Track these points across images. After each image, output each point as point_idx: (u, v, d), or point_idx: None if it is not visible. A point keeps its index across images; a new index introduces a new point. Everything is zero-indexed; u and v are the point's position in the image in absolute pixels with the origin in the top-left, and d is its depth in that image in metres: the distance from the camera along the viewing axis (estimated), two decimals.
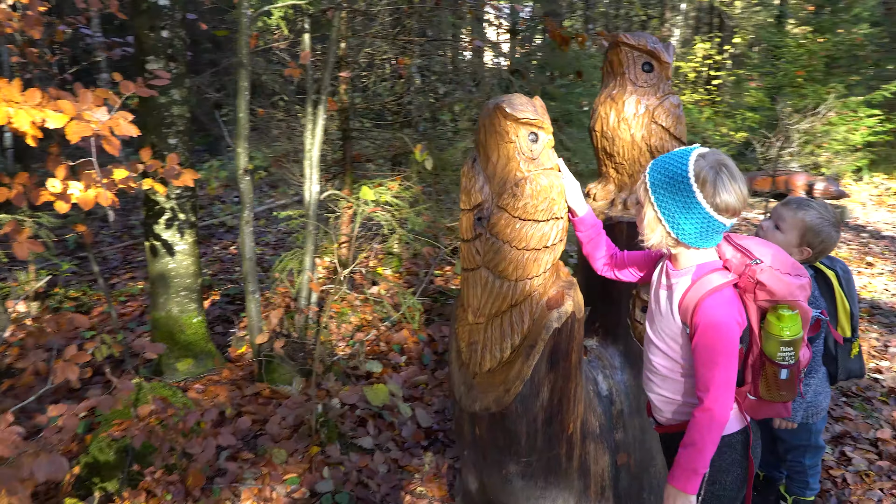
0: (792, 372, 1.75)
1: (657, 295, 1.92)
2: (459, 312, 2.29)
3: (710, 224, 1.71)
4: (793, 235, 2.32)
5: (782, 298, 1.71)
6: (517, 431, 2.19)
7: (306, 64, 3.61)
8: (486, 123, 2.09)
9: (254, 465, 2.98)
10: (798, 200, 2.37)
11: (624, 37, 2.43)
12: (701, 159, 1.70)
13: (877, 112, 8.73)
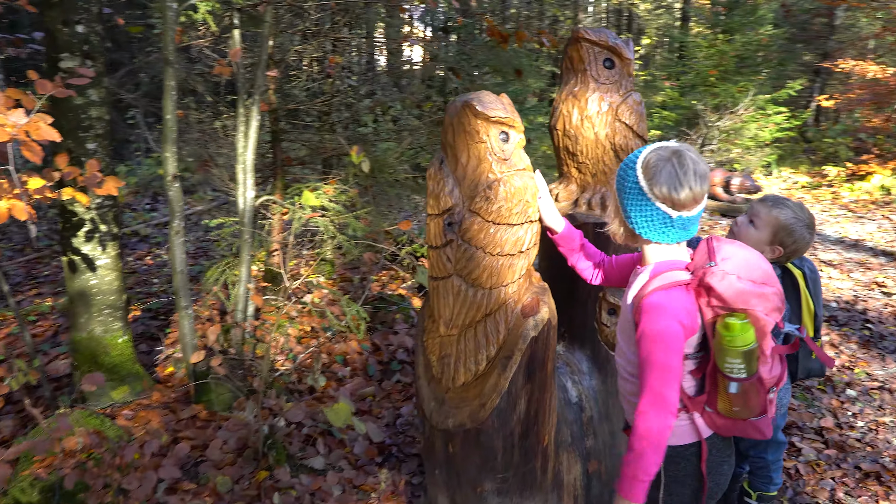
0: (743, 387, 1.62)
1: (625, 296, 1.83)
2: (428, 324, 2.15)
3: (654, 214, 1.65)
4: (766, 233, 2.30)
5: (733, 305, 1.60)
6: (493, 447, 2.08)
7: (237, 62, 3.38)
8: (455, 123, 1.97)
9: (196, 496, 2.74)
10: (774, 198, 2.35)
11: (585, 32, 2.36)
12: (658, 149, 1.64)
13: (783, 109, 9.15)
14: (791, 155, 10.05)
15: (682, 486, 1.79)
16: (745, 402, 1.64)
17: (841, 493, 2.90)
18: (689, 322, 1.64)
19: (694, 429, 1.76)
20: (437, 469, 2.23)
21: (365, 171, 3.99)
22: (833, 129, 10.61)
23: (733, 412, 1.67)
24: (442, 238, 2.01)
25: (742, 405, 1.65)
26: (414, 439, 3.25)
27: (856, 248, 6.53)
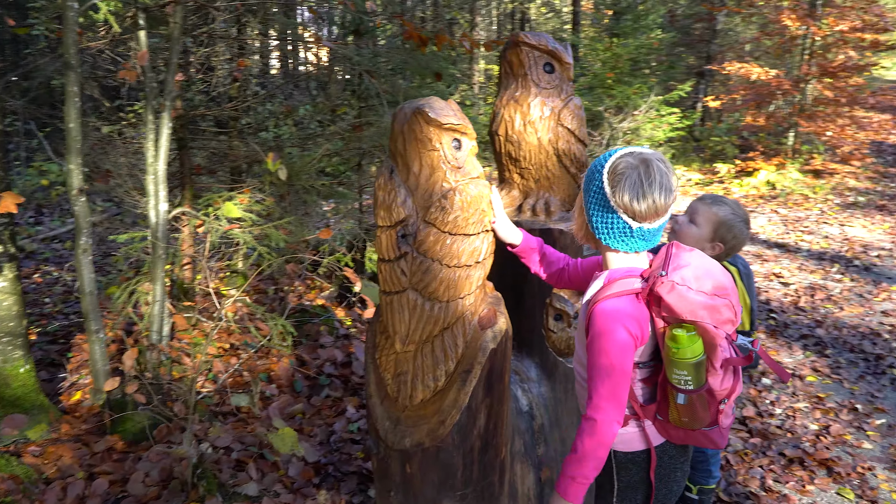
0: (691, 398, 1.61)
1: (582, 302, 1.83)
2: (381, 340, 2.06)
3: (615, 223, 1.64)
4: (707, 230, 2.35)
5: (681, 316, 1.58)
6: (454, 464, 2.01)
7: (144, 65, 3.15)
8: (405, 130, 1.88)
9: None
10: (713, 197, 2.40)
11: (524, 36, 2.33)
12: (627, 156, 1.62)
13: (675, 110, 9.57)
14: (683, 154, 10.55)
15: (635, 491, 1.81)
16: (693, 413, 1.64)
17: (770, 480, 3.03)
18: (638, 331, 1.63)
19: (644, 436, 1.77)
20: (391, 492, 2.13)
21: (282, 178, 3.82)
22: (718, 128, 11.22)
23: (682, 422, 1.68)
24: (395, 251, 1.92)
25: (690, 416, 1.65)
26: (351, 456, 3.14)
27: (751, 242, 6.91)
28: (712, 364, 1.60)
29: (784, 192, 8.81)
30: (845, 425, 3.47)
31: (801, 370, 4.04)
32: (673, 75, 10.78)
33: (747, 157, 9.64)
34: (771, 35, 9.87)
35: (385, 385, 2.07)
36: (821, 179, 9.18)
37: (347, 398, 3.57)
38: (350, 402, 3.52)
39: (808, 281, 5.63)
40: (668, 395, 1.67)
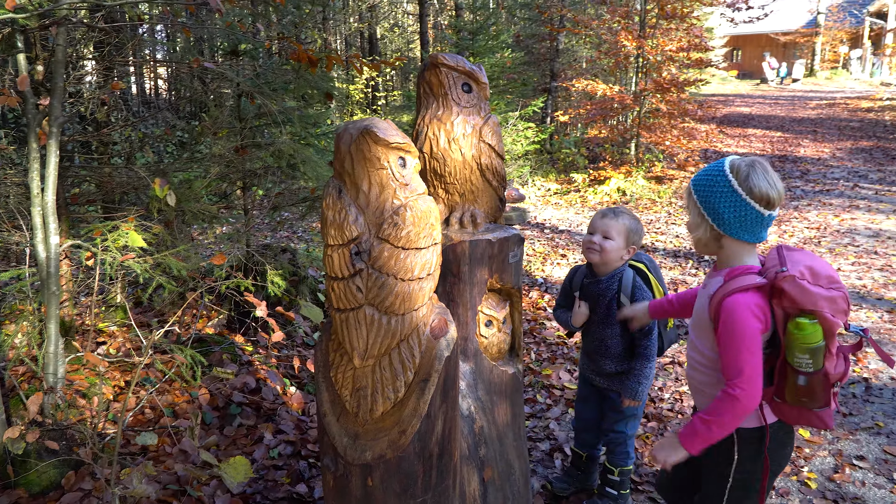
0: (811, 380, 1.85)
1: (699, 295, 2.11)
2: (336, 358, 2.07)
3: (746, 210, 1.89)
4: (621, 240, 2.68)
5: (803, 307, 1.83)
6: (414, 472, 2.07)
7: (25, 90, 2.95)
8: (353, 150, 1.93)
9: None
10: (612, 210, 2.75)
11: (443, 58, 2.44)
12: (737, 159, 1.96)
13: (531, 125, 10.12)
14: (541, 166, 11.14)
15: (753, 464, 2.06)
16: (813, 394, 1.88)
17: None
18: (764, 320, 1.89)
19: (760, 415, 2.01)
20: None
21: (171, 204, 3.68)
22: (567, 141, 11.98)
23: (801, 402, 1.92)
24: (349, 268, 1.96)
25: (810, 397, 1.89)
26: (277, 482, 3.08)
27: None
28: (829, 350, 1.85)
29: (633, 197, 9.57)
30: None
31: (679, 357, 4.45)
32: (525, 92, 11.38)
33: (598, 166, 10.38)
34: (608, 54, 10.71)
35: (341, 401, 2.09)
36: (663, 185, 10.07)
37: (262, 425, 3.49)
38: (266, 429, 3.44)
39: (669, 277, 6.18)
40: (786, 378, 1.91)
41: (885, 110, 18.98)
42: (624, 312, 2.65)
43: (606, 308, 2.78)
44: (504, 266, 2.56)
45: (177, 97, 4.79)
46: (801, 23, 37.30)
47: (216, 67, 4.24)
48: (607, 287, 2.76)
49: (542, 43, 13.49)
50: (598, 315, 2.82)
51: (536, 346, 4.72)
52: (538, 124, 11.04)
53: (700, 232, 2.01)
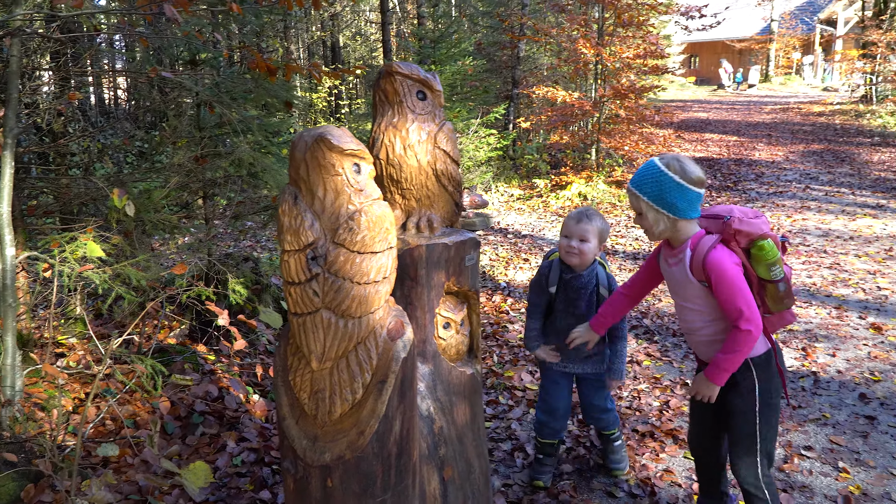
0: (786, 283, 2.39)
1: (669, 275, 2.54)
2: (294, 362, 2.11)
3: (689, 194, 2.34)
4: (596, 241, 2.93)
5: (754, 236, 2.33)
6: (373, 472, 2.11)
7: None
8: (308, 158, 1.98)
9: None
10: (584, 213, 2.97)
11: (397, 66, 2.50)
12: (663, 157, 2.39)
13: (493, 132, 10.23)
14: (504, 172, 11.26)
15: (771, 383, 2.48)
16: (789, 293, 2.41)
17: (631, 453, 3.42)
18: (737, 261, 2.36)
19: (764, 339, 2.48)
20: None
21: (130, 214, 3.67)
22: (529, 147, 12.13)
23: (784, 305, 2.43)
24: (306, 273, 2.00)
25: (788, 296, 2.42)
26: (240, 490, 3.09)
27: None
28: (782, 258, 2.40)
29: (594, 201, 9.73)
30: (680, 399, 3.98)
31: (637, 356, 4.56)
32: (487, 99, 11.50)
33: (560, 172, 10.53)
34: (567, 61, 10.88)
35: (300, 405, 2.12)
36: (623, 189, 10.25)
37: (225, 433, 3.49)
38: (229, 437, 3.45)
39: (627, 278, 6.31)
40: (767, 292, 2.41)
41: (836, 114, 19.57)
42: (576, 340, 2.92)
43: (588, 299, 3.02)
44: (461, 269, 2.61)
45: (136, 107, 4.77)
46: (755, 30, 38.24)
47: (174, 77, 4.23)
48: (588, 280, 3.00)
49: (503, 51, 13.64)
50: (580, 307, 3.02)
51: (499, 348, 4.79)
52: (500, 131, 11.16)
53: (661, 225, 2.39)
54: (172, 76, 4.21)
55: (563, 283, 3.04)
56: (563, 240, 2.98)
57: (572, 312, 3.04)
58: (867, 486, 3.10)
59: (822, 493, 3.07)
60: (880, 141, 14.30)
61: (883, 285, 5.77)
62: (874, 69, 19.62)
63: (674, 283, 2.54)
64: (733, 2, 36.75)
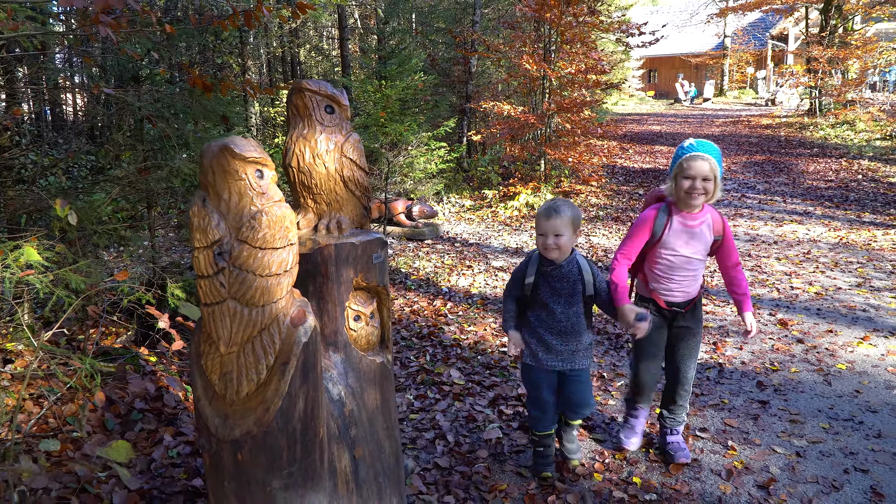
0: None
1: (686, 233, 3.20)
2: (206, 347, 2.35)
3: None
4: (570, 231, 3.09)
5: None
6: (279, 446, 2.35)
7: None
8: (214, 165, 2.23)
9: None
10: (552, 209, 3.09)
11: (306, 83, 2.77)
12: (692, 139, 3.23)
13: (443, 144, 10.54)
14: (455, 183, 11.58)
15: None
16: None
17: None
18: None
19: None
20: (225, 482, 2.41)
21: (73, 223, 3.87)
22: (483, 160, 12.48)
23: None
24: (213, 267, 2.25)
25: None
26: (174, 479, 3.30)
27: (517, 254, 7.89)
28: None
29: None
30: (596, 390, 4.28)
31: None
32: (438, 113, 11.83)
33: (508, 183, 10.88)
34: (516, 77, 11.27)
35: (212, 386, 2.36)
36: (570, 198, 10.63)
37: (163, 429, 3.70)
38: (166, 432, 3.65)
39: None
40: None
41: (782, 127, 20.33)
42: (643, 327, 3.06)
43: (572, 288, 3.16)
44: (368, 266, 2.87)
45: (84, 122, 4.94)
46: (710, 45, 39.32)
47: (116, 93, 4.45)
48: (569, 270, 3.15)
49: (457, 66, 14.01)
50: (564, 296, 3.17)
51: (433, 348, 5.06)
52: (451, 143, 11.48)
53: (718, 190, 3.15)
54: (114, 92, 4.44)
55: (543, 274, 3.17)
56: (539, 238, 3.12)
57: (558, 301, 3.16)
58: (750, 461, 3.43)
59: (710, 468, 3.38)
60: (819, 152, 14.95)
61: (796, 285, 6.18)
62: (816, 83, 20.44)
63: (690, 239, 3.19)
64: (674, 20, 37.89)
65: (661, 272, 3.28)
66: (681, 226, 3.18)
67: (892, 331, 5.00)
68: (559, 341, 3.23)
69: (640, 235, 3.24)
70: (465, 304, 6.08)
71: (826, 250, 7.30)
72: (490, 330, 5.41)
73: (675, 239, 3.19)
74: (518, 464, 3.49)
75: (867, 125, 17.17)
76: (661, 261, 3.26)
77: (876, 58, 19.58)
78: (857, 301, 5.65)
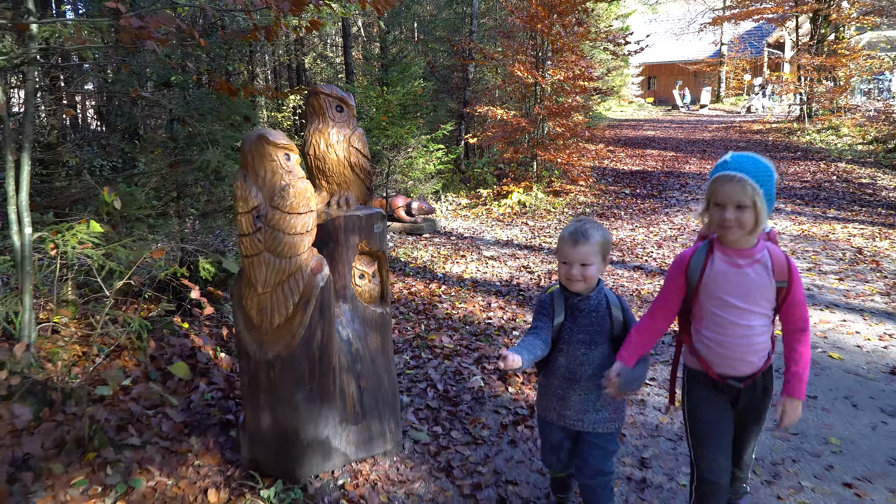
0: None
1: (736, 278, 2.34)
2: (246, 289, 3.05)
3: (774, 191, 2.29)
4: (599, 260, 2.56)
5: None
6: (302, 367, 3.05)
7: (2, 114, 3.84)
8: (253, 149, 2.93)
9: (35, 480, 3.20)
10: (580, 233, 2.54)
11: (321, 87, 3.47)
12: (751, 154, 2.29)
13: (441, 147, 11.26)
14: (452, 183, 12.29)
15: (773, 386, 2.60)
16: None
17: None
18: None
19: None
20: (261, 395, 3.11)
21: (117, 207, 4.58)
22: (480, 161, 13.20)
23: None
24: (252, 227, 2.95)
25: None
26: (210, 415, 3.99)
27: (507, 246, 8.60)
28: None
29: (532, 208, 10.80)
30: None
31: None
32: (437, 117, 12.56)
33: (502, 182, 11.60)
34: (511, 83, 12.00)
35: (251, 320, 3.06)
36: (559, 197, 11.35)
37: (197, 379, 4.39)
38: (201, 381, 4.35)
39: (548, 268, 7.33)
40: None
41: (771, 132, 21.02)
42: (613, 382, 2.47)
43: (598, 324, 2.60)
44: (371, 234, 3.57)
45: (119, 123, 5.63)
46: (708, 53, 40.08)
47: (152, 96, 5.17)
48: (597, 302, 2.61)
49: (455, 73, 14.75)
50: (590, 333, 2.60)
51: (427, 320, 5.75)
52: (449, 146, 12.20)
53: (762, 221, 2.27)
54: (149, 95, 5.15)
55: (571, 307, 2.62)
56: (563, 266, 2.56)
57: (580, 340, 2.61)
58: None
59: (652, 405, 4.07)
60: (801, 155, 15.63)
61: None
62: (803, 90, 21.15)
63: (742, 287, 2.32)
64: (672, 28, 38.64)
65: (708, 332, 2.43)
66: (727, 265, 2.35)
67: (827, 305, 5.69)
68: (577, 393, 2.65)
69: (673, 284, 2.47)
70: (458, 287, 6.78)
71: (787, 240, 8.00)
72: (478, 307, 6.10)
73: (721, 283, 2.35)
74: (496, 404, 4.18)
75: (851, 130, 17.86)
76: (705, 315, 2.43)
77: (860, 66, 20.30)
78: (805, 282, 6.33)
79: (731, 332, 2.38)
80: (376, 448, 3.53)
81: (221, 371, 4.57)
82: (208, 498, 3.24)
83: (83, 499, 3.13)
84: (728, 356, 2.41)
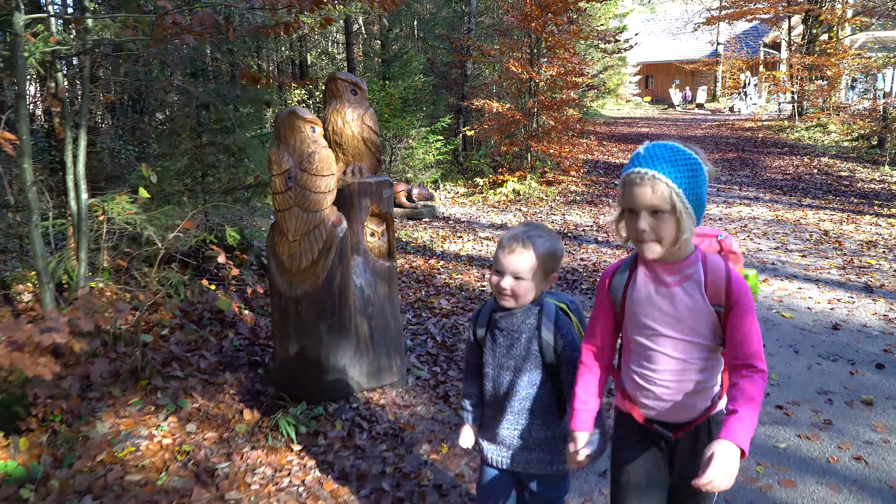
0: None
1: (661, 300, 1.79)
2: (279, 238, 3.67)
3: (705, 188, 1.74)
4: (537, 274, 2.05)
5: (741, 262, 1.91)
6: (325, 303, 3.69)
7: (63, 97, 4.47)
8: (285, 122, 3.57)
9: (99, 400, 3.84)
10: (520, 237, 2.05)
11: (339, 74, 4.10)
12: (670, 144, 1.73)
13: (440, 138, 11.90)
14: (450, 173, 12.93)
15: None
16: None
17: None
18: None
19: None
20: (290, 326, 3.75)
21: (154, 182, 5.21)
22: (477, 154, 13.84)
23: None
24: (285, 186, 3.58)
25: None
26: (239, 357, 4.62)
27: (502, 229, 9.23)
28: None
29: (525, 196, 11.44)
30: None
31: None
32: (436, 111, 13.19)
33: (498, 172, 12.25)
34: (506, 79, 12.64)
35: (282, 264, 3.69)
36: (552, 186, 12.00)
37: (226, 329, 5.03)
38: (230, 331, 4.98)
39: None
40: None
41: (761, 129, 21.67)
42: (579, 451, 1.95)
43: (526, 347, 2.13)
44: (380, 198, 4.19)
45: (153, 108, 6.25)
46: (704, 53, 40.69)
47: (183, 84, 5.80)
48: (523, 321, 2.13)
49: (454, 69, 15.38)
50: (516, 358, 2.15)
51: (427, 288, 6.38)
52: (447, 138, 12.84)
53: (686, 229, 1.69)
54: (182, 83, 5.78)
55: (492, 322, 2.20)
56: (494, 276, 2.10)
57: (503, 365, 2.17)
58: None
59: None
60: (788, 151, 16.28)
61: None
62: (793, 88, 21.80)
63: (671, 312, 1.78)
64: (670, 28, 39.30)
65: (635, 366, 1.89)
66: (651, 282, 1.82)
67: (787, 276, 6.33)
68: (508, 427, 2.21)
69: (599, 307, 1.96)
70: (455, 262, 7.41)
71: (761, 224, 8.65)
72: (473, 277, 6.74)
73: (645, 307, 1.82)
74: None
75: (838, 128, 18.52)
76: (631, 345, 1.89)
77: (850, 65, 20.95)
78: (771, 258, 6.98)
79: (661, 367, 1.83)
80: (384, 379, 4.16)
81: (246, 325, 5.21)
82: (244, 416, 3.87)
83: (140, 415, 3.77)
84: (657, 396, 1.85)
